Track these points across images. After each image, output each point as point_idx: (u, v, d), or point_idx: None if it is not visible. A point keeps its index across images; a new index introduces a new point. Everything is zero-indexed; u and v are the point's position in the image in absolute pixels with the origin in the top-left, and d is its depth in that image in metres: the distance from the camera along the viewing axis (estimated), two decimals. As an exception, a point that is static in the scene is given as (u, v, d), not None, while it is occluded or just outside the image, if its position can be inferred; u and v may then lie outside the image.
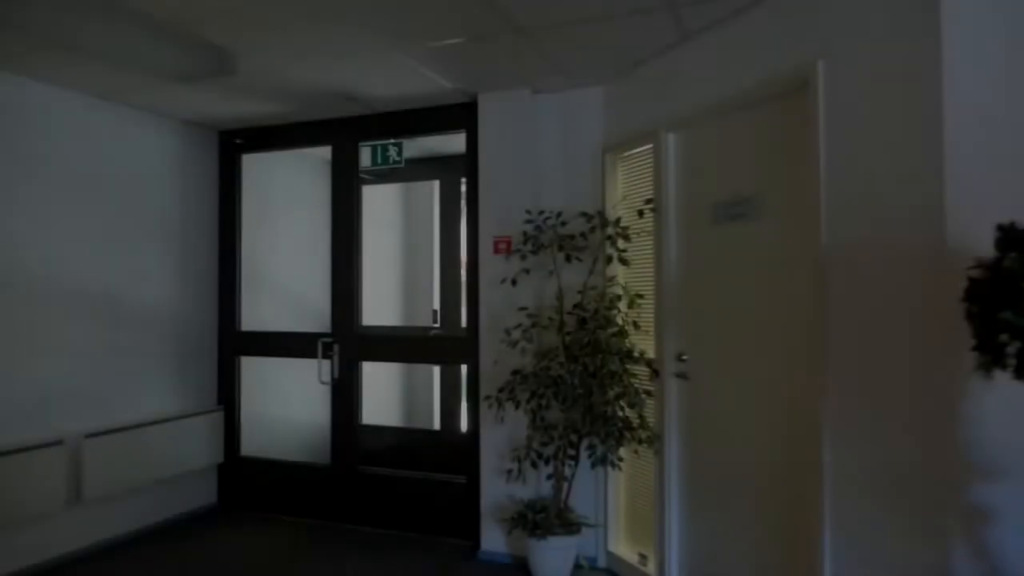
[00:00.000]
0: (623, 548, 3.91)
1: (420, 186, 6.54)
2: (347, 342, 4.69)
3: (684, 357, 3.40)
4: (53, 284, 3.97)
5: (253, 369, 5.18)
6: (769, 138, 2.96)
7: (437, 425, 6.25)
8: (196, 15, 3.02)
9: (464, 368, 4.60)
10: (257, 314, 5.23)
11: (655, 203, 3.54)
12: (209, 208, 5.05)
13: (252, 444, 5.11)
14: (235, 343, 5.06)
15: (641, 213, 3.58)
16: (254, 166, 5.22)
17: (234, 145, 5.05)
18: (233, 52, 3.47)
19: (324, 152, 5.02)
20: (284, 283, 5.61)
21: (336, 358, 4.69)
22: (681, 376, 3.42)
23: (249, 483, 5.00)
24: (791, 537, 2.82)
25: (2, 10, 2.95)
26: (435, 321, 6.21)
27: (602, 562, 3.95)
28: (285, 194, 5.61)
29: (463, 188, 6.00)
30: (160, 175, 4.65)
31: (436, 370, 6.29)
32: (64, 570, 3.89)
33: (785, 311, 2.85)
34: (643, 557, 3.69)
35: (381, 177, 5.60)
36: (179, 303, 4.79)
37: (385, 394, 6.22)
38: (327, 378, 4.70)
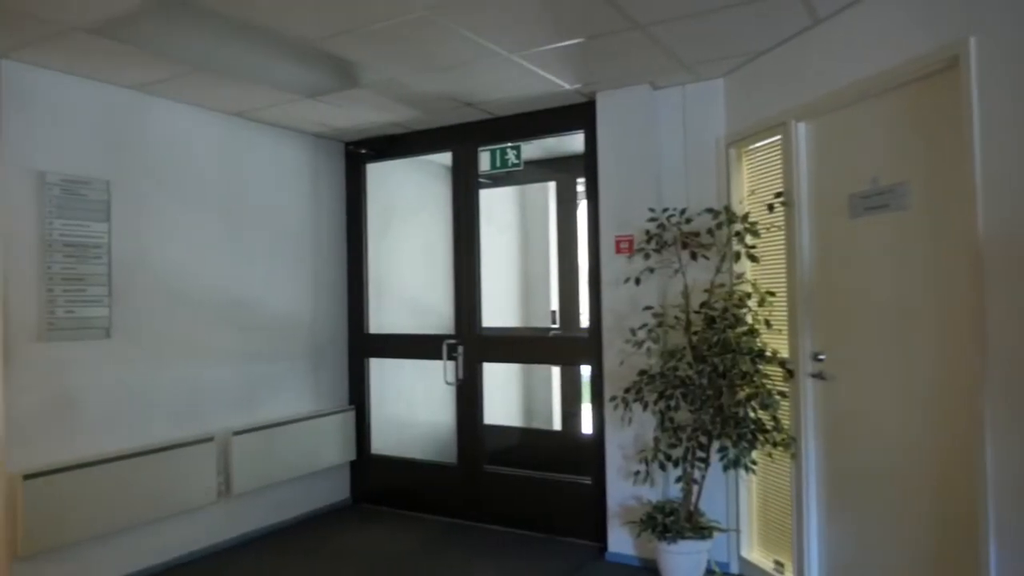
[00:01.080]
0: (757, 554, 3.77)
1: (535, 187, 6.58)
2: (470, 343, 4.78)
3: (821, 356, 3.25)
4: (200, 294, 4.26)
5: (381, 370, 5.37)
6: (911, 123, 2.77)
7: (558, 426, 6.26)
8: (323, 32, 3.16)
9: (585, 369, 4.58)
10: (384, 317, 5.42)
11: (785, 196, 3.40)
12: (337, 217, 5.28)
13: (381, 443, 5.30)
14: (364, 345, 5.27)
15: (771, 207, 3.45)
16: (378, 174, 5.41)
17: (359, 155, 5.26)
18: (357, 65, 3.61)
19: (444, 158, 5.14)
20: (408, 286, 5.79)
21: (460, 359, 4.79)
22: (818, 376, 3.26)
23: (380, 480, 5.19)
24: (947, 544, 2.63)
25: (159, 43, 3.21)
26: (554, 322, 6.23)
27: (735, 568, 3.83)
28: (407, 200, 5.78)
29: (579, 188, 6.00)
30: (293, 188, 4.91)
31: (555, 371, 6.31)
32: (215, 559, 4.17)
33: (935, 305, 2.67)
34: (779, 564, 3.55)
35: (498, 180, 5.67)
36: (311, 308, 5.04)
37: (504, 395, 6.29)
38: (452, 379, 4.81)
